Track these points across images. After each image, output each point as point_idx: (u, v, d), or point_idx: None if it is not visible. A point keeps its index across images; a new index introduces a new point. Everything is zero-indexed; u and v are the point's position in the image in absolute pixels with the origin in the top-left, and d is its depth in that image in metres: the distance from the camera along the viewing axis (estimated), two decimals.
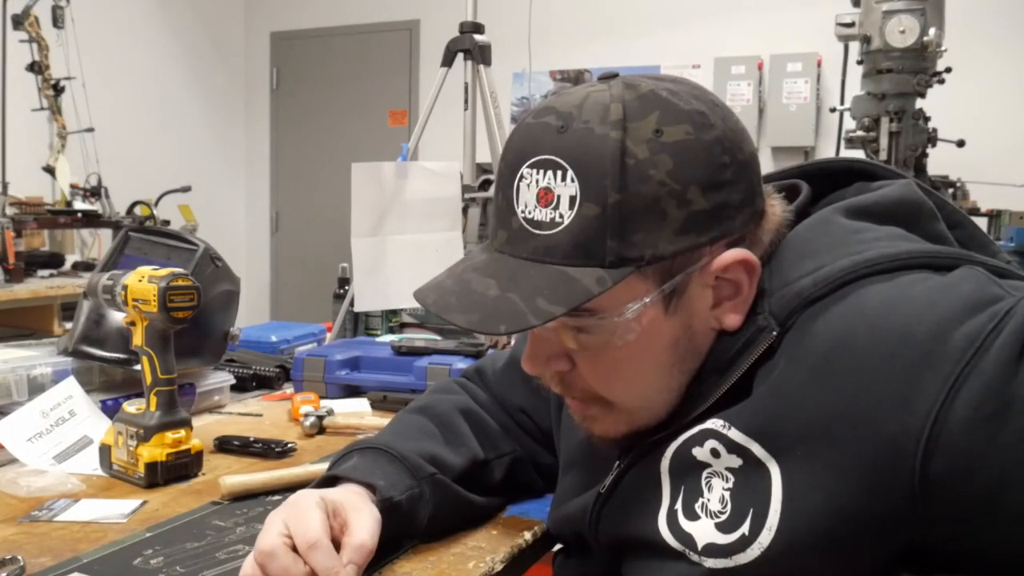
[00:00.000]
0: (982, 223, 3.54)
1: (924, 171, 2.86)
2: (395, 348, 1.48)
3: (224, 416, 1.34)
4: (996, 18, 3.92)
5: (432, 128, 1.99)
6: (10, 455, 1.05)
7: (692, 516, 0.65)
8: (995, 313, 0.55)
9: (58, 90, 3.48)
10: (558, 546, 0.86)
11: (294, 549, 0.68)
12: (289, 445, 1.13)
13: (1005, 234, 3.08)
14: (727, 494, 0.63)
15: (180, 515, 0.90)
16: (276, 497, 0.96)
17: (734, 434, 0.63)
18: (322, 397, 1.40)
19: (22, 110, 3.55)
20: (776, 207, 0.70)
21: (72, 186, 3.58)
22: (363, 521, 0.72)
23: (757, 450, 0.62)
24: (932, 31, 2.56)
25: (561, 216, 0.62)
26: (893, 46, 2.61)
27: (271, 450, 1.12)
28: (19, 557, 0.76)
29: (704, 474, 0.65)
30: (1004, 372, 0.53)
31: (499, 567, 0.80)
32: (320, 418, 1.24)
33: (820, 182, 0.74)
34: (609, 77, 0.66)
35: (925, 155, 2.84)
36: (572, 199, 0.61)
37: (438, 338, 1.76)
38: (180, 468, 1.01)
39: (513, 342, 1.03)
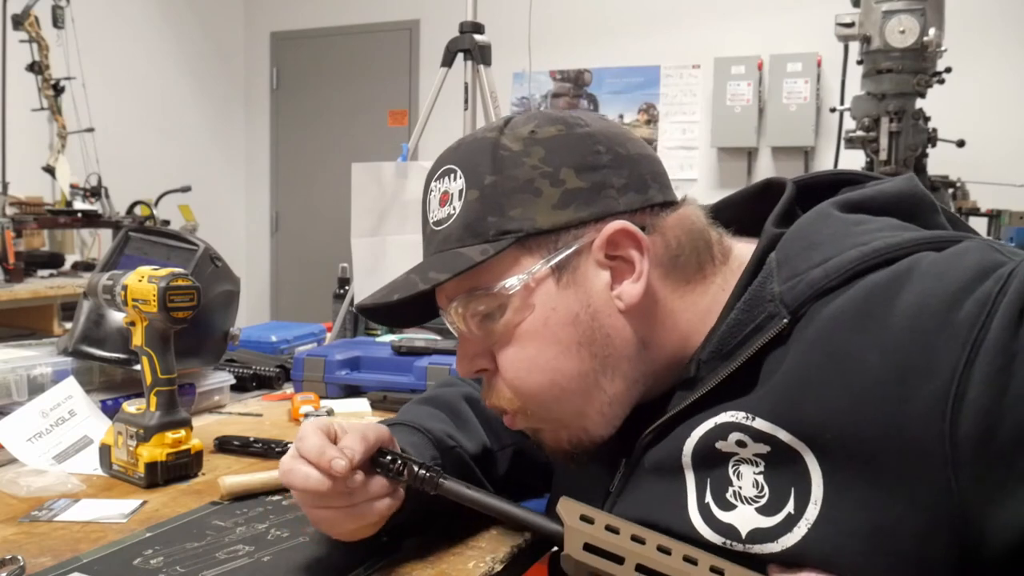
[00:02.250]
0: (982, 223, 3.54)
1: (924, 171, 2.86)
2: (395, 348, 1.48)
3: (224, 416, 1.34)
4: (996, 18, 3.93)
5: (432, 128, 1.98)
6: (10, 455, 1.05)
7: (727, 506, 0.64)
8: (999, 277, 0.57)
9: (58, 90, 3.48)
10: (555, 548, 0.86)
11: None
12: (289, 445, 1.13)
13: (1005, 234, 3.09)
14: (760, 477, 0.63)
15: (180, 515, 0.90)
16: (276, 497, 0.96)
17: (760, 424, 0.63)
18: (322, 397, 1.40)
19: (22, 110, 3.55)
20: (697, 215, 0.73)
21: (72, 186, 3.58)
22: (361, 427, 0.75)
23: (784, 436, 0.62)
24: (932, 31, 2.56)
25: (454, 209, 0.71)
26: (893, 46, 2.61)
27: (271, 450, 1.12)
28: (19, 557, 0.76)
29: (731, 463, 0.65)
30: (1008, 330, 0.55)
31: (499, 567, 0.80)
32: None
33: (810, 196, 0.75)
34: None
35: (925, 155, 2.84)
36: (460, 192, 0.71)
37: (438, 338, 1.76)
38: (180, 468, 1.01)
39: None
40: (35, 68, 3.43)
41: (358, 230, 1.71)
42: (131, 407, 1.03)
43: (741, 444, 0.64)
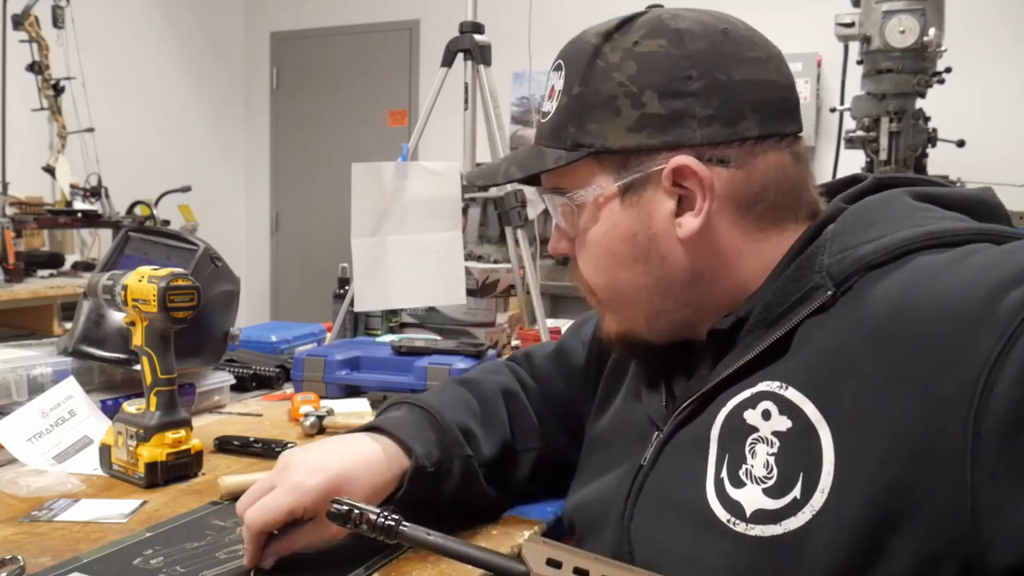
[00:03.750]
0: None
1: (924, 171, 2.86)
2: (395, 348, 1.48)
3: (224, 416, 1.34)
4: (996, 18, 3.92)
5: (432, 128, 1.98)
6: (10, 455, 1.05)
7: (738, 483, 0.64)
8: None
9: (58, 90, 3.48)
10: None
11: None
12: (289, 445, 1.13)
13: None
14: (771, 459, 0.63)
15: (180, 515, 0.90)
16: None
17: (790, 393, 0.63)
18: (322, 397, 1.40)
19: (22, 110, 3.55)
20: (797, 166, 0.73)
21: (72, 186, 3.58)
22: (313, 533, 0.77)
23: (810, 410, 0.61)
24: (932, 31, 2.56)
25: (552, 106, 0.75)
26: (893, 46, 2.61)
27: (271, 450, 1.12)
28: (19, 557, 0.76)
29: (749, 440, 0.65)
30: None
31: None
32: (320, 418, 1.24)
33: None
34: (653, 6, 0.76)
35: (925, 155, 2.84)
36: (558, 92, 0.74)
37: (438, 338, 1.76)
38: (180, 468, 1.01)
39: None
40: (35, 68, 3.43)
41: (358, 230, 1.71)
42: (131, 407, 1.03)
43: (766, 416, 0.64)
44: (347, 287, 1.87)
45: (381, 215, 1.72)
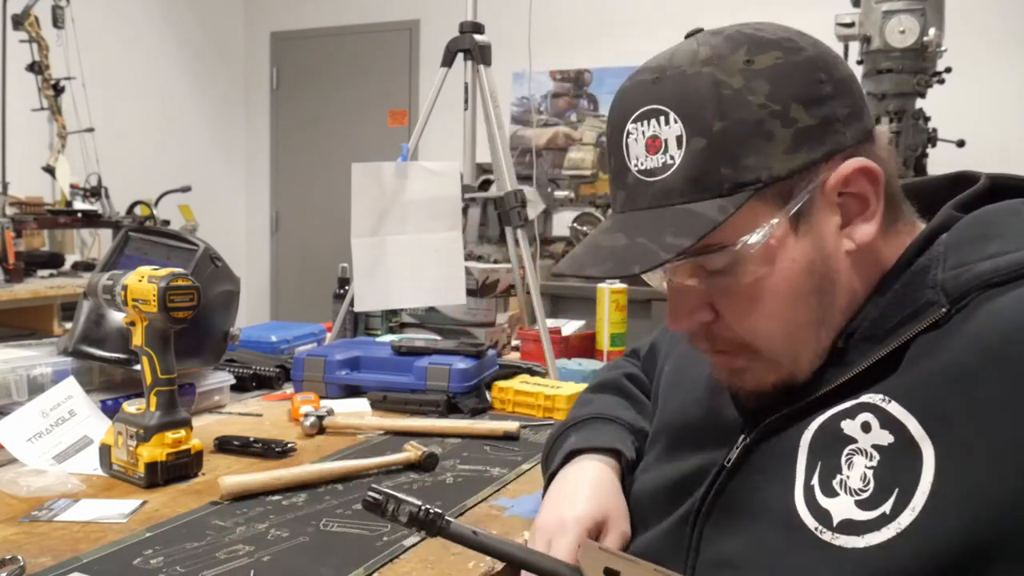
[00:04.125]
0: None
1: (924, 171, 2.86)
2: (395, 348, 1.48)
3: (224, 416, 1.34)
4: (996, 18, 3.92)
5: (432, 128, 1.98)
6: (10, 455, 1.05)
7: (830, 492, 0.62)
8: None
9: (58, 90, 3.48)
10: None
11: None
12: (289, 445, 1.13)
13: None
14: (869, 472, 0.61)
15: (180, 515, 0.90)
16: (276, 497, 0.96)
17: (893, 408, 0.61)
18: (322, 397, 1.40)
19: (22, 110, 3.55)
20: (883, 135, 0.70)
21: (72, 186, 3.58)
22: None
23: (913, 427, 0.59)
24: (932, 31, 2.56)
25: (672, 158, 0.64)
26: (893, 46, 2.61)
27: (271, 450, 1.12)
28: (19, 557, 0.76)
29: (846, 451, 0.63)
30: None
31: (499, 567, 0.80)
32: (320, 418, 1.25)
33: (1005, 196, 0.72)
34: (693, 32, 0.70)
35: (925, 155, 2.84)
36: (679, 139, 0.63)
37: (438, 338, 1.76)
38: (180, 468, 1.01)
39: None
40: (35, 68, 3.43)
41: (358, 230, 1.71)
42: (131, 407, 1.03)
43: (866, 428, 0.62)
44: (347, 287, 1.87)
45: (381, 215, 1.71)
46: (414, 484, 1.03)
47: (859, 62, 2.79)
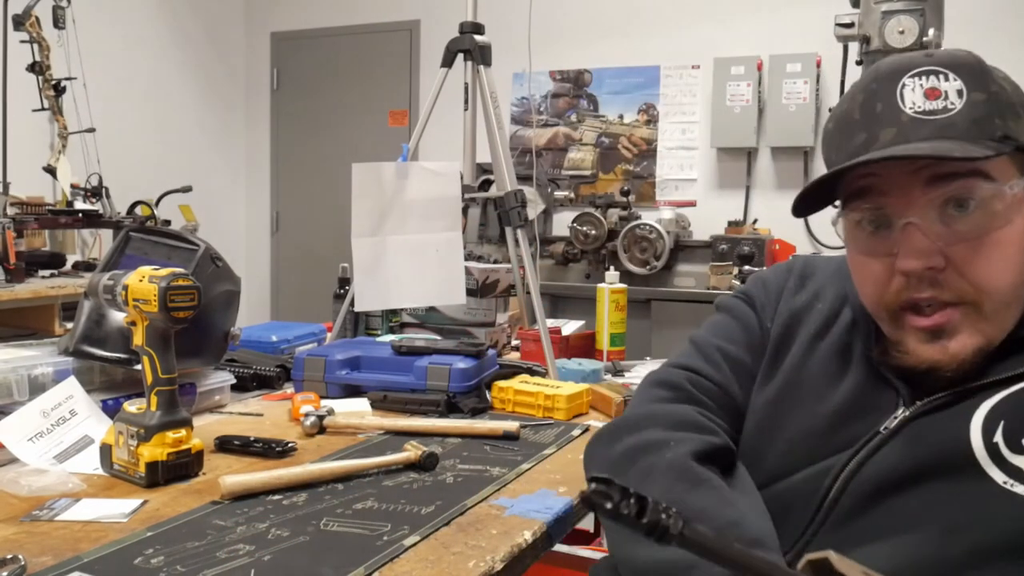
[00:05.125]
0: None
1: None
2: (395, 348, 1.48)
3: (224, 416, 1.35)
4: (996, 18, 3.92)
5: (432, 128, 1.98)
6: (11, 455, 1.05)
7: (1019, 450, 0.66)
8: None
9: (59, 90, 3.48)
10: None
11: None
12: (289, 445, 1.14)
13: None
14: None
15: (181, 515, 0.90)
16: (276, 497, 0.96)
17: None
18: (322, 397, 1.40)
19: (23, 110, 3.55)
20: None
21: (73, 186, 3.58)
22: None
23: None
24: (931, 31, 2.56)
25: (952, 104, 0.73)
26: (892, 46, 2.61)
27: (271, 450, 1.12)
28: (20, 556, 0.77)
29: None
30: None
31: (499, 567, 0.80)
32: (320, 418, 1.25)
33: None
34: None
35: None
36: (959, 91, 0.73)
37: (438, 338, 1.76)
38: (181, 468, 1.01)
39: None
40: (36, 68, 3.43)
41: (358, 230, 1.71)
42: (132, 407, 1.03)
43: None
44: (347, 287, 1.87)
45: (381, 215, 1.72)
46: (414, 484, 1.03)
47: (859, 62, 2.79)
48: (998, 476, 0.66)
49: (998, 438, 0.67)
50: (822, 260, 0.95)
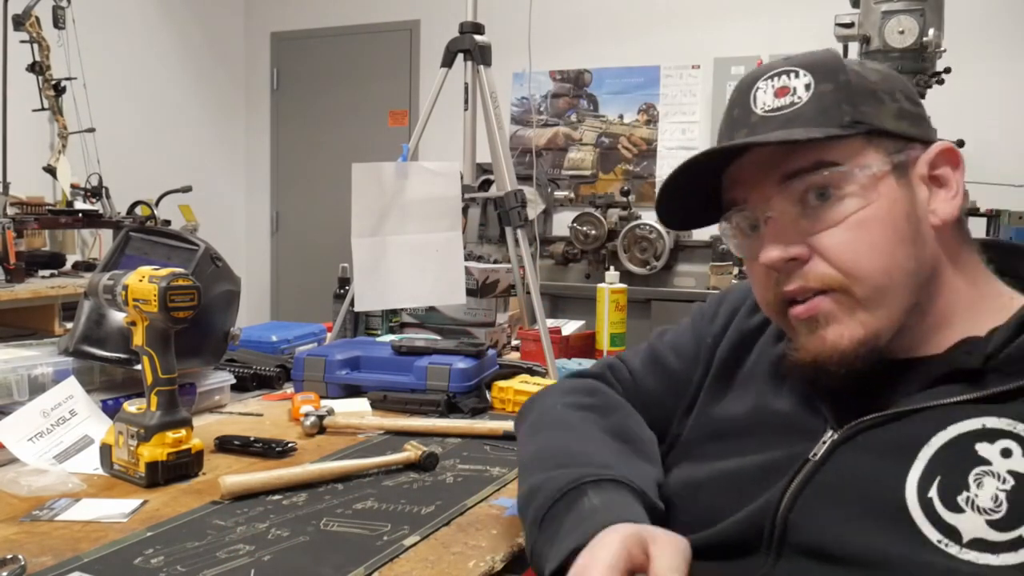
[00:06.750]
0: (982, 223, 3.54)
1: None
2: (395, 348, 1.48)
3: (224, 416, 1.35)
4: (996, 18, 3.92)
5: (432, 128, 1.98)
6: (11, 455, 1.05)
7: (954, 508, 0.63)
8: None
9: (59, 90, 3.48)
10: None
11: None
12: (289, 445, 1.14)
13: (1004, 234, 3.08)
14: (1002, 495, 0.62)
15: (181, 515, 0.90)
16: (276, 497, 0.96)
17: None
18: (322, 397, 1.41)
19: (23, 110, 3.55)
20: None
21: (73, 186, 3.58)
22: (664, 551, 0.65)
23: None
24: (931, 31, 2.56)
25: (799, 98, 0.74)
26: (892, 46, 2.61)
27: (271, 450, 1.12)
28: (20, 556, 0.77)
29: (975, 471, 0.63)
30: None
31: (499, 566, 0.80)
32: (320, 418, 1.25)
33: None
34: None
35: None
36: (807, 86, 0.74)
37: (438, 338, 1.76)
38: (180, 468, 1.01)
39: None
40: (36, 68, 3.43)
41: (358, 230, 1.71)
42: (132, 407, 1.03)
43: (1006, 453, 0.63)
44: (347, 287, 1.87)
45: (381, 215, 1.72)
46: (414, 484, 1.03)
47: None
48: (932, 534, 0.62)
49: (933, 493, 0.64)
50: None
